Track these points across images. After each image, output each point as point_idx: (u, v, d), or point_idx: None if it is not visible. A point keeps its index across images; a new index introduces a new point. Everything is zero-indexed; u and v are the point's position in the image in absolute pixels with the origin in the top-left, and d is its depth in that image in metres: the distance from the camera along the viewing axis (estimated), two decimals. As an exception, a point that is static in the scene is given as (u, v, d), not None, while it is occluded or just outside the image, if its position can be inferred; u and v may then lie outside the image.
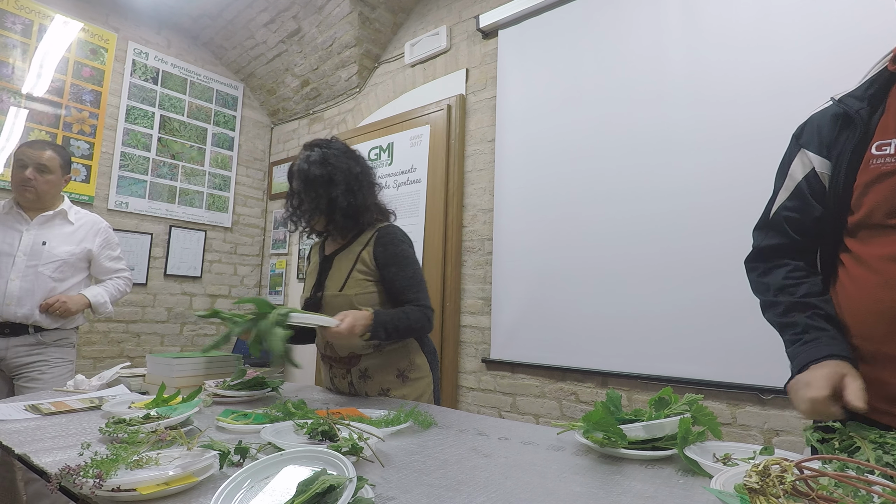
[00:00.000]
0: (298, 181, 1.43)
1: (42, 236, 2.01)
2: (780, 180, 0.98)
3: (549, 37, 2.61)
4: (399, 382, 1.45)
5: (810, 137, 0.94)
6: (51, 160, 2.00)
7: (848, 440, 0.76)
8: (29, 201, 2.00)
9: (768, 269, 0.98)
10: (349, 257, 1.45)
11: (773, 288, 0.95)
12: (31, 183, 1.96)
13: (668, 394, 0.94)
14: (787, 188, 0.96)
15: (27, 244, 1.97)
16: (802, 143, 0.95)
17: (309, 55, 3.66)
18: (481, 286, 2.75)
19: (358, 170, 1.47)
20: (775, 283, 0.95)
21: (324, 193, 1.41)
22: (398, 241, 1.44)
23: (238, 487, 0.63)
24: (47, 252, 1.99)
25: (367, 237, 1.45)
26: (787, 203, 0.95)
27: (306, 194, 1.42)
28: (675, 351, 2.02)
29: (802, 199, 0.93)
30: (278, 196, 4.23)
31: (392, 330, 1.32)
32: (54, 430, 0.99)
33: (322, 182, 1.40)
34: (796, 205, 0.94)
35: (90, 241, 2.11)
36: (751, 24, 1.98)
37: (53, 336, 2.01)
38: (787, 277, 0.94)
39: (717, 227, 1.97)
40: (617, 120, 2.30)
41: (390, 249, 1.42)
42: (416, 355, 1.49)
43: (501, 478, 0.75)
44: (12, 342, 1.93)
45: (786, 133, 1.07)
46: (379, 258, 1.41)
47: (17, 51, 3.06)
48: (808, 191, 0.93)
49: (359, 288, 1.41)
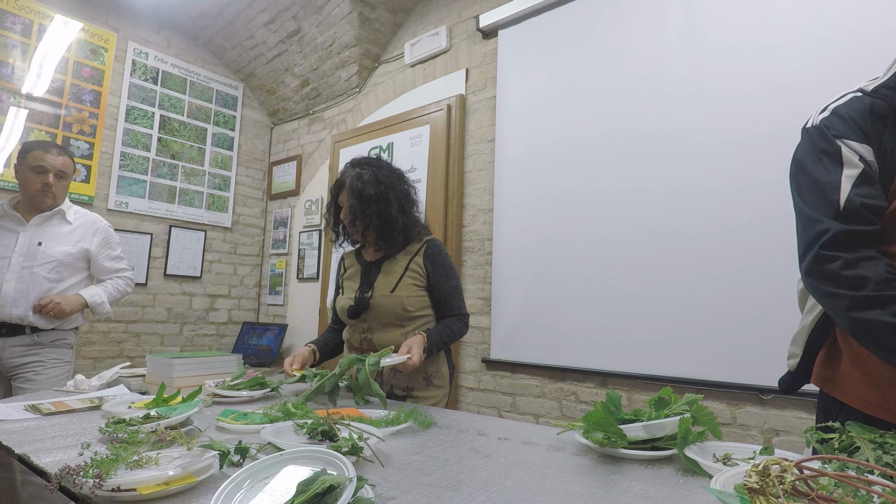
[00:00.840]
0: (353, 198, 1.52)
1: (38, 237, 2.00)
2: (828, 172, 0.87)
3: (549, 37, 2.61)
4: (424, 385, 1.53)
5: (845, 129, 0.86)
6: (67, 166, 2.05)
7: (848, 440, 0.76)
8: (48, 206, 2.02)
9: (857, 259, 0.82)
10: (400, 264, 1.56)
11: (875, 281, 0.79)
12: (51, 189, 1.98)
13: (668, 394, 0.94)
14: (849, 176, 0.84)
15: (23, 245, 1.96)
16: (838, 135, 0.87)
17: (309, 55, 3.66)
18: (481, 286, 2.75)
19: (407, 190, 1.60)
20: (877, 275, 0.79)
21: (378, 211, 1.52)
22: (445, 254, 1.60)
23: (238, 487, 0.63)
24: (42, 252, 1.98)
25: (416, 247, 1.58)
26: (857, 190, 0.83)
27: (362, 212, 1.51)
28: (675, 351, 2.02)
29: (872, 185, 0.84)
30: (278, 196, 4.23)
31: (441, 345, 1.49)
32: (54, 430, 0.99)
33: (377, 200, 1.51)
34: (868, 191, 0.83)
35: (88, 240, 2.10)
36: (751, 24, 1.98)
37: (50, 337, 2.00)
38: (889, 271, 0.80)
39: (717, 227, 1.97)
40: (617, 120, 2.30)
41: (438, 260, 1.56)
42: (443, 365, 1.58)
43: (501, 478, 0.75)
44: (9, 342, 1.93)
45: (785, 133, 1.05)
46: (429, 268, 1.55)
47: (17, 51, 3.06)
48: (875, 176, 0.84)
49: (409, 291, 1.52)
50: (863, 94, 0.88)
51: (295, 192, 4.08)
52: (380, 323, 1.53)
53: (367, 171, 1.54)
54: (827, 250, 0.84)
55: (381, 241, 1.56)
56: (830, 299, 0.85)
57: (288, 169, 4.17)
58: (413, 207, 1.61)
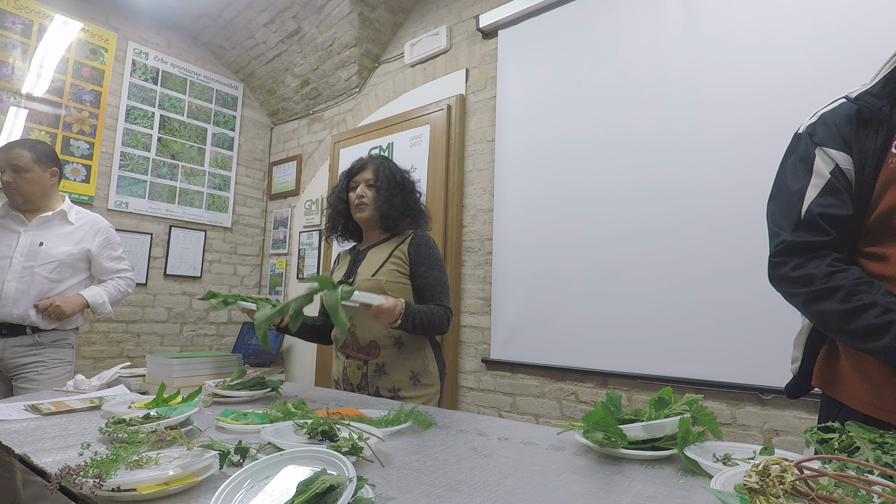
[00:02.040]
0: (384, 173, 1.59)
1: (39, 237, 1.99)
2: (798, 180, 0.92)
3: (549, 37, 2.61)
4: (410, 385, 1.50)
5: (827, 136, 0.90)
6: (19, 157, 1.93)
7: (848, 440, 0.76)
8: (19, 204, 1.98)
9: (805, 261, 0.89)
10: (384, 250, 1.57)
11: (820, 276, 0.86)
12: (12, 186, 1.93)
13: (668, 394, 0.94)
14: (815, 185, 0.90)
15: (24, 245, 1.96)
16: (819, 142, 0.91)
17: (309, 55, 3.66)
18: (481, 286, 2.75)
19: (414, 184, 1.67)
20: (820, 271, 0.86)
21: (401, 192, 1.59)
22: (431, 245, 1.58)
23: (238, 487, 0.63)
24: (44, 253, 1.98)
25: (404, 237, 1.58)
26: (819, 200, 0.89)
27: (388, 183, 1.57)
28: (675, 351, 2.02)
29: (836, 195, 0.88)
30: (278, 196, 4.23)
31: (418, 322, 1.40)
32: (54, 430, 0.99)
33: (401, 184, 1.60)
34: (832, 201, 0.88)
35: (89, 241, 2.09)
36: (751, 23, 1.98)
37: (51, 337, 2.00)
38: (831, 266, 0.86)
39: (717, 226, 1.97)
40: (617, 120, 2.30)
41: (423, 250, 1.55)
42: (430, 362, 1.55)
43: (501, 478, 0.75)
44: (10, 342, 1.93)
45: (786, 132, 1.05)
46: (412, 256, 1.54)
47: (17, 51, 3.06)
48: (840, 186, 0.88)
49: (390, 276, 1.51)
50: (847, 100, 0.91)
51: (295, 192, 4.08)
52: (359, 312, 1.46)
53: (386, 163, 1.63)
54: (777, 257, 0.93)
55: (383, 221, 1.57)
56: (792, 299, 0.93)
57: (288, 169, 4.17)
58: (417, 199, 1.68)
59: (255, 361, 3.55)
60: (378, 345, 1.50)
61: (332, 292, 1.09)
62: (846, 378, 0.92)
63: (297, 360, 3.77)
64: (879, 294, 0.81)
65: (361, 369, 1.52)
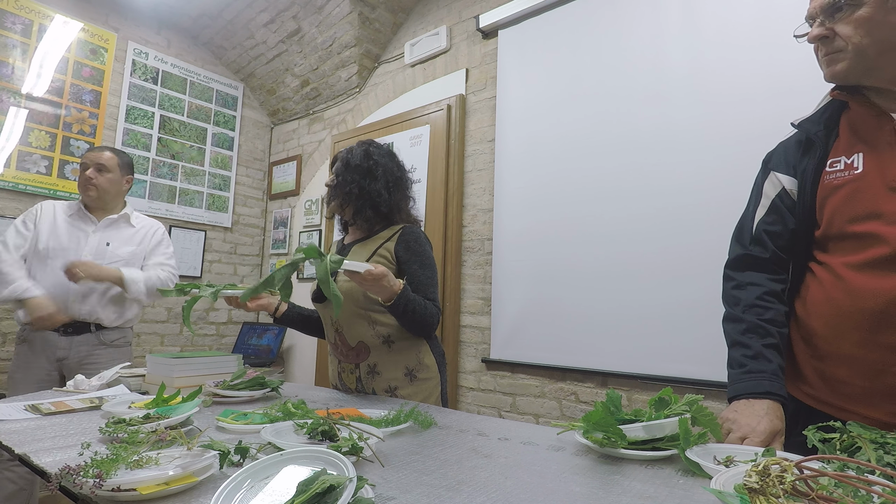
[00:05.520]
0: (340, 164, 1.53)
1: (107, 238, 2.17)
2: (754, 201, 1.08)
3: (549, 37, 2.61)
4: (407, 381, 1.46)
5: (778, 161, 1.05)
6: (109, 160, 2.17)
7: (848, 440, 0.76)
8: (92, 199, 2.15)
9: (744, 284, 1.04)
10: (369, 247, 1.50)
11: (744, 304, 1.01)
12: (93, 181, 2.12)
13: (668, 394, 0.94)
14: (762, 206, 1.06)
15: (93, 245, 2.13)
16: (772, 167, 1.06)
17: (309, 55, 3.66)
18: (481, 286, 2.75)
19: (398, 174, 1.56)
20: (747, 300, 1.01)
21: (361, 182, 1.49)
22: (422, 241, 1.50)
23: (238, 487, 0.63)
24: (111, 252, 2.15)
25: (391, 233, 1.51)
26: (765, 218, 1.04)
27: (343, 178, 1.50)
28: (675, 351, 2.02)
29: (778, 213, 1.03)
30: (278, 196, 4.23)
31: (410, 310, 1.35)
32: (54, 430, 0.99)
33: (361, 172, 1.50)
34: (774, 218, 1.03)
35: (147, 242, 2.27)
36: (751, 22, 1.98)
37: (112, 336, 2.14)
38: (760, 298, 1.00)
39: (717, 225, 1.96)
40: (617, 119, 2.30)
41: (413, 247, 1.47)
42: (426, 355, 1.50)
43: (501, 478, 0.75)
44: (75, 341, 2.06)
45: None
46: (401, 254, 1.47)
47: (17, 51, 3.06)
48: (782, 205, 1.02)
49: None
50: (793, 127, 1.05)
51: (295, 192, 4.08)
52: (344, 311, 1.46)
53: (362, 147, 1.55)
54: (727, 268, 1.10)
55: (357, 216, 1.51)
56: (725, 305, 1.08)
57: (288, 169, 4.17)
58: (402, 194, 1.57)
59: (255, 361, 3.55)
60: (367, 345, 1.47)
61: (321, 262, 1.06)
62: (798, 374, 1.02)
63: (297, 360, 3.77)
64: (760, 343, 0.95)
65: (354, 373, 1.50)
